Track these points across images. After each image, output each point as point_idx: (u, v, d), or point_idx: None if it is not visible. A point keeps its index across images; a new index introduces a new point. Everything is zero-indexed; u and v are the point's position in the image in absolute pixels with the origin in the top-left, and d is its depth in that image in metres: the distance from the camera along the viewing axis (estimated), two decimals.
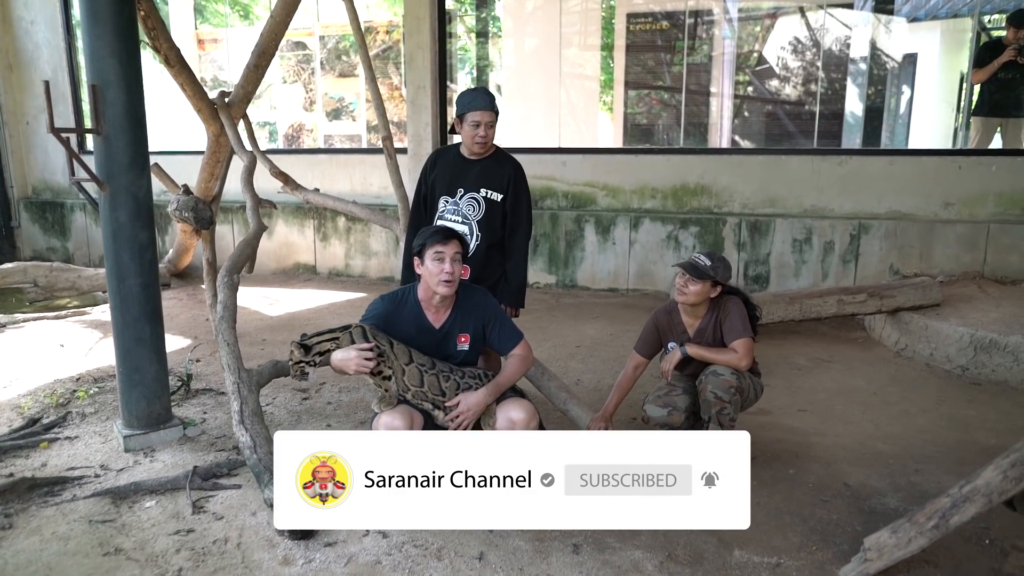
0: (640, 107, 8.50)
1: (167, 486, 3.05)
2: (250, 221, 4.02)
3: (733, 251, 6.51)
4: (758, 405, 3.93)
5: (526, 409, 2.88)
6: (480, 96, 3.14)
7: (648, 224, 6.74)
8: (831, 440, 3.57)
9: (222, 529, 2.76)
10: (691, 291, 3.09)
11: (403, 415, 2.74)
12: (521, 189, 3.28)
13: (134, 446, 3.39)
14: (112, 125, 3.17)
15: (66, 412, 3.82)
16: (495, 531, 2.73)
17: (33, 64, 8.34)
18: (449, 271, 2.74)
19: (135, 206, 3.26)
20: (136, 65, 3.21)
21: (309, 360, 2.62)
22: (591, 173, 7.00)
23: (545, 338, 5.39)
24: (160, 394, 3.46)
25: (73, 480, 3.08)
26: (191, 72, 4.51)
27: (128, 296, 3.32)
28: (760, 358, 4.82)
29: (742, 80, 8.21)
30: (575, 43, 8.39)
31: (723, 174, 6.63)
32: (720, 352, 3.08)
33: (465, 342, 2.95)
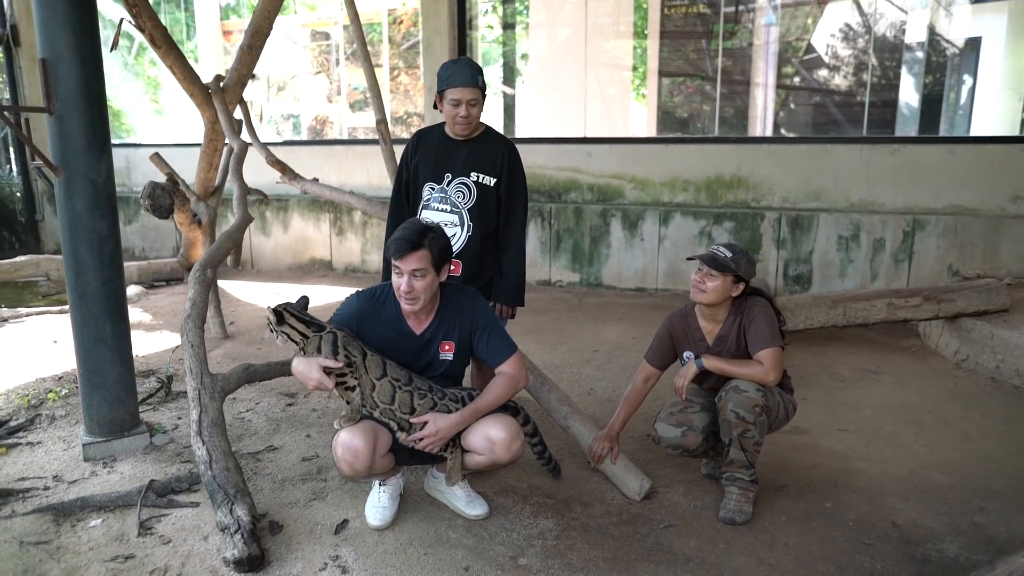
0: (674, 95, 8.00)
1: (118, 502, 2.75)
2: (235, 211, 3.70)
3: (772, 248, 6.00)
4: (791, 423, 3.48)
5: (507, 428, 2.50)
6: (460, 70, 2.75)
7: (679, 219, 6.26)
8: (877, 468, 3.08)
9: (165, 556, 2.44)
10: (709, 287, 2.66)
11: (365, 433, 2.39)
12: (516, 172, 2.88)
13: (94, 455, 3.10)
14: (65, 104, 2.87)
15: (35, 415, 3.57)
16: (469, 570, 2.35)
17: None
18: (407, 289, 2.39)
19: (93, 193, 2.97)
20: (93, 38, 2.92)
21: (276, 331, 2.42)
22: (618, 164, 6.55)
23: (561, 341, 4.98)
24: (124, 398, 3.17)
25: (18, 493, 2.81)
26: (180, 53, 4.23)
27: (86, 292, 3.03)
28: (797, 368, 4.35)
29: (785, 67, 7.64)
30: (603, 28, 7.93)
31: (762, 165, 6.11)
32: (743, 365, 2.63)
33: (449, 351, 2.58)
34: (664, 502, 2.80)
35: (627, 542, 2.52)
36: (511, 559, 2.42)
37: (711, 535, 2.56)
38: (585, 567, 2.38)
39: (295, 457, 3.16)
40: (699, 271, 2.68)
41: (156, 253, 8.11)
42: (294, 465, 3.09)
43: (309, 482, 2.93)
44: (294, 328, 2.40)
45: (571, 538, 2.54)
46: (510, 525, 2.62)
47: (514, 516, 2.68)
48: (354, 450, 2.36)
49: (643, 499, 2.79)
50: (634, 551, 2.47)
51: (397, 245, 2.40)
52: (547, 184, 6.80)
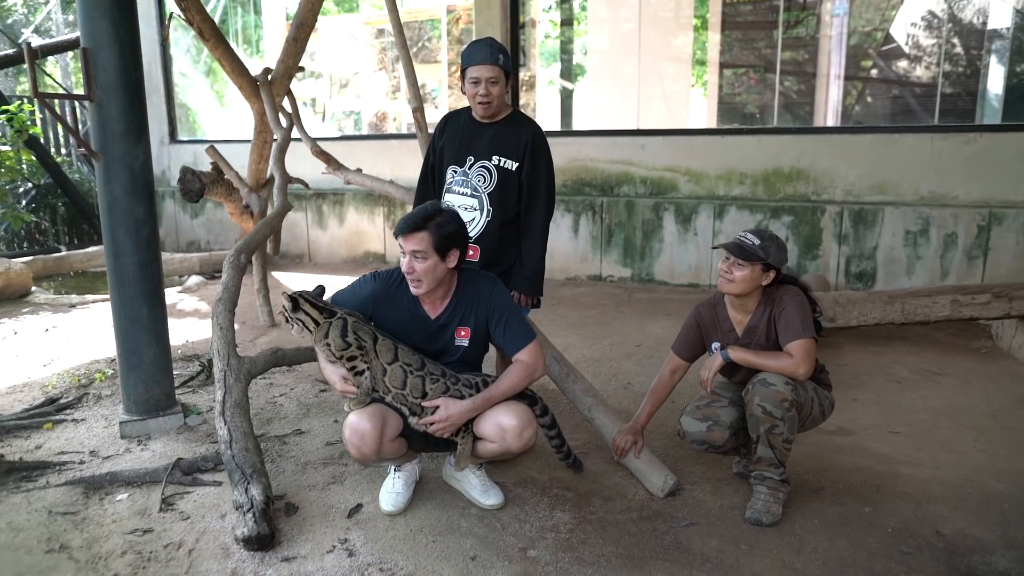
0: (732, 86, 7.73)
1: (145, 478, 2.82)
2: (275, 200, 3.76)
3: (832, 244, 5.71)
4: (836, 423, 3.29)
5: (520, 416, 2.42)
6: (481, 47, 2.69)
7: (734, 213, 6.03)
8: (927, 472, 2.86)
9: (182, 531, 2.48)
10: (737, 277, 2.51)
11: (372, 417, 2.37)
12: (540, 157, 2.80)
13: (130, 432, 3.20)
14: (104, 91, 2.97)
15: (83, 393, 3.72)
16: (476, 559, 2.30)
17: None
18: (407, 270, 2.36)
19: (130, 178, 3.06)
20: (131, 27, 3.01)
21: (292, 317, 2.43)
22: (672, 157, 6.37)
23: (604, 335, 4.87)
24: (160, 379, 3.26)
25: (55, 466, 2.92)
26: (228, 46, 4.33)
27: (124, 275, 3.12)
28: (850, 367, 4.12)
29: (854, 56, 7.26)
30: (659, 18, 7.73)
31: (823, 156, 5.82)
32: (771, 357, 2.48)
33: (465, 337, 2.53)
34: (689, 500, 2.67)
35: (644, 539, 2.42)
36: (520, 551, 2.35)
37: (734, 536, 2.43)
38: (596, 562, 2.29)
39: (320, 441, 3.18)
40: (726, 260, 2.54)
41: (220, 245, 8.39)
42: (318, 449, 3.10)
43: (330, 466, 2.94)
44: (308, 315, 2.40)
45: (585, 532, 2.45)
46: (524, 516, 2.55)
47: (530, 507, 2.61)
48: (361, 433, 2.35)
49: (667, 496, 2.67)
50: (650, 549, 2.36)
51: (401, 224, 2.37)
52: (599, 177, 6.68)
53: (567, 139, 6.94)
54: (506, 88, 2.79)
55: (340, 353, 2.38)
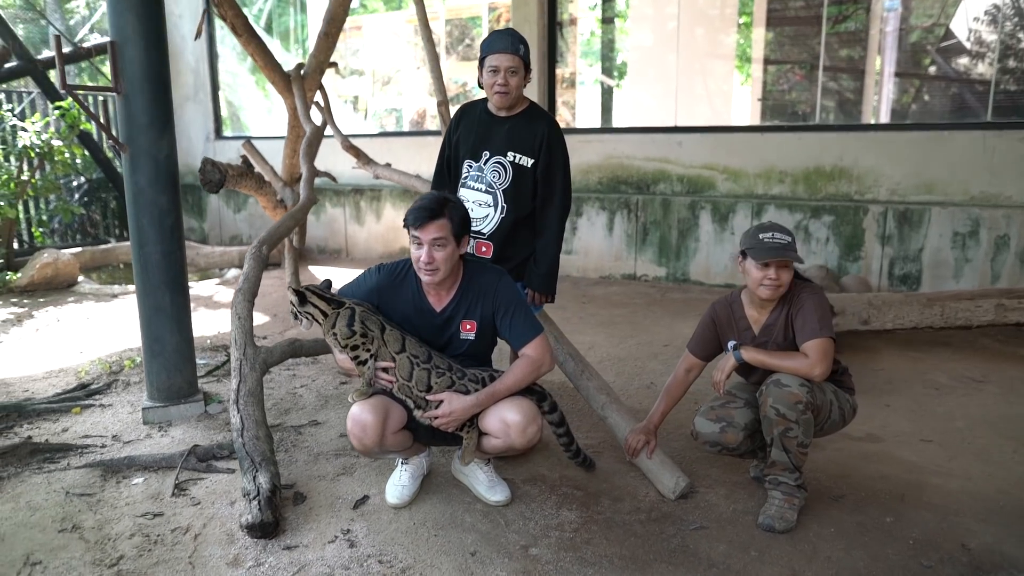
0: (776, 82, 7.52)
1: (161, 463, 2.88)
2: (301, 193, 3.80)
3: (875, 245, 5.50)
4: (865, 429, 3.17)
5: (524, 412, 2.38)
6: (502, 37, 2.66)
7: (773, 212, 5.87)
8: (958, 483, 2.72)
9: (191, 516, 2.51)
10: (785, 280, 2.40)
11: (375, 409, 2.36)
12: (556, 153, 2.75)
13: (152, 419, 3.27)
14: (131, 84, 3.04)
15: (113, 380, 3.82)
16: (476, 555, 2.27)
17: (180, 56, 8.90)
18: (427, 260, 2.32)
19: (154, 169, 3.13)
20: (157, 22, 3.07)
21: (301, 312, 2.44)
22: (710, 154, 6.23)
23: (632, 334, 4.78)
24: (181, 367, 3.32)
25: (77, 448, 3.00)
26: (261, 42, 4.40)
27: (148, 263, 3.19)
28: (885, 372, 3.95)
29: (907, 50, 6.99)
30: (699, 14, 7.58)
31: (867, 154, 5.61)
32: (786, 357, 2.38)
33: (471, 330, 2.49)
34: (701, 503, 2.59)
35: (650, 541, 2.35)
36: (522, 548, 2.31)
37: (744, 542, 2.34)
38: (598, 563, 2.24)
39: (334, 432, 3.19)
40: (765, 267, 2.41)
41: None
42: (331, 440, 3.12)
43: (342, 457, 2.95)
44: (316, 307, 2.41)
45: (590, 532, 2.40)
46: (530, 514, 2.51)
47: (536, 505, 2.57)
48: (362, 424, 2.34)
49: (678, 498, 2.60)
50: (655, 551, 2.30)
51: (416, 214, 2.34)
52: (635, 175, 6.58)
53: (603, 136, 6.86)
54: (524, 81, 2.75)
55: (345, 342, 2.38)
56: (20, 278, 6.08)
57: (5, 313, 5.42)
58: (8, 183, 6.30)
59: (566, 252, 6.74)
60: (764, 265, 2.40)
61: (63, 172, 7.11)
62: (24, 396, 3.65)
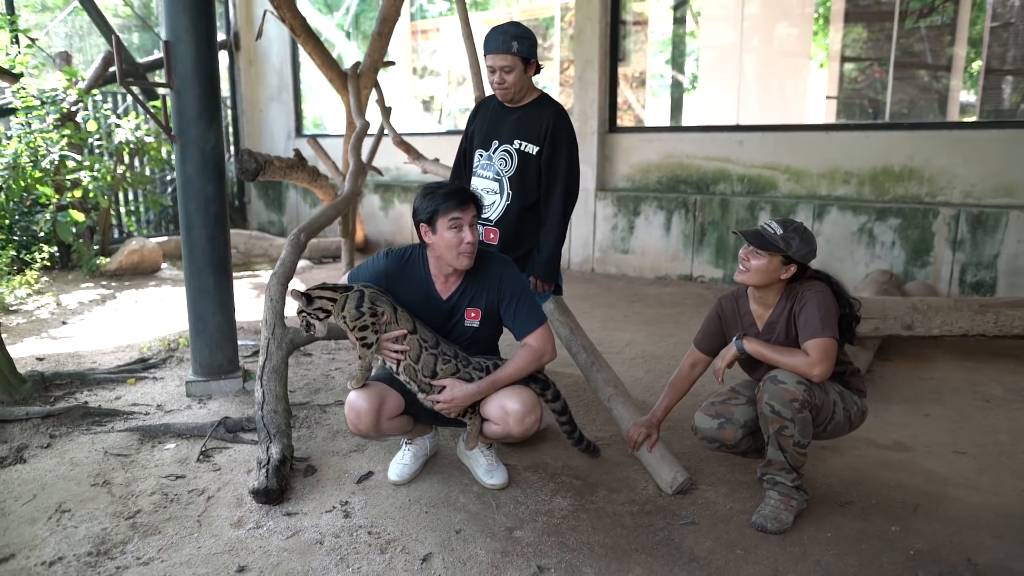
0: (851, 80, 7.20)
1: (194, 432, 3.09)
2: (345, 185, 3.97)
3: (946, 250, 5.19)
4: (895, 436, 3.04)
5: (523, 400, 2.43)
6: (495, 37, 2.70)
7: (836, 214, 5.64)
8: (981, 498, 2.56)
9: (209, 480, 2.70)
10: (752, 266, 2.38)
11: (370, 396, 2.45)
12: (560, 141, 2.77)
13: (194, 392, 3.50)
14: (182, 80, 3.27)
15: (169, 355, 4.11)
16: (460, 533, 2.33)
17: (266, 58, 9.40)
18: (471, 241, 2.37)
19: (202, 160, 3.35)
20: (208, 22, 3.29)
21: (311, 313, 2.44)
22: (771, 154, 6.05)
23: (672, 334, 4.72)
24: (223, 345, 3.54)
25: (123, 414, 3.26)
26: (319, 41, 4.62)
27: (194, 247, 3.43)
28: (934, 381, 3.75)
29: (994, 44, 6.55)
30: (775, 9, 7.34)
31: (939, 154, 5.30)
32: (787, 353, 2.32)
33: (475, 318, 2.55)
34: (699, 499, 2.56)
35: (636, 533, 2.35)
36: (507, 530, 2.36)
37: (732, 540, 2.30)
38: (578, 549, 2.26)
39: None
40: (745, 247, 2.41)
41: (333, 232, 8.90)
42: None
43: (357, 436, 3.07)
44: (323, 298, 2.41)
45: (578, 520, 2.42)
46: (523, 498, 2.55)
47: (532, 491, 2.61)
48: (357, 411, 2.43)
49: (676, 493, 2.57)
50: (638, 542, 2.29)
51: (459, 197, 2.38)
52: (695, 175, 6.47)
53: (663, 135, 6.78)
54: (528, 73, 2.78)
55: (353, 323, 2.41)
56: (109, 263, 6.60)
57: (93, 294, 5.91)
58: (105, 176, 6.86)
59: (622, 252, 6.73)
60: (745, 245, 2.40)
61: (155, 167, 7.65)
62: (91, 367, 3.99)
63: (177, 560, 2.19)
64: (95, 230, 7.16)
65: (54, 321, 5.03)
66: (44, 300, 5.53)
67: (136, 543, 2.28)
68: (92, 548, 2.24)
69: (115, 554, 2.22)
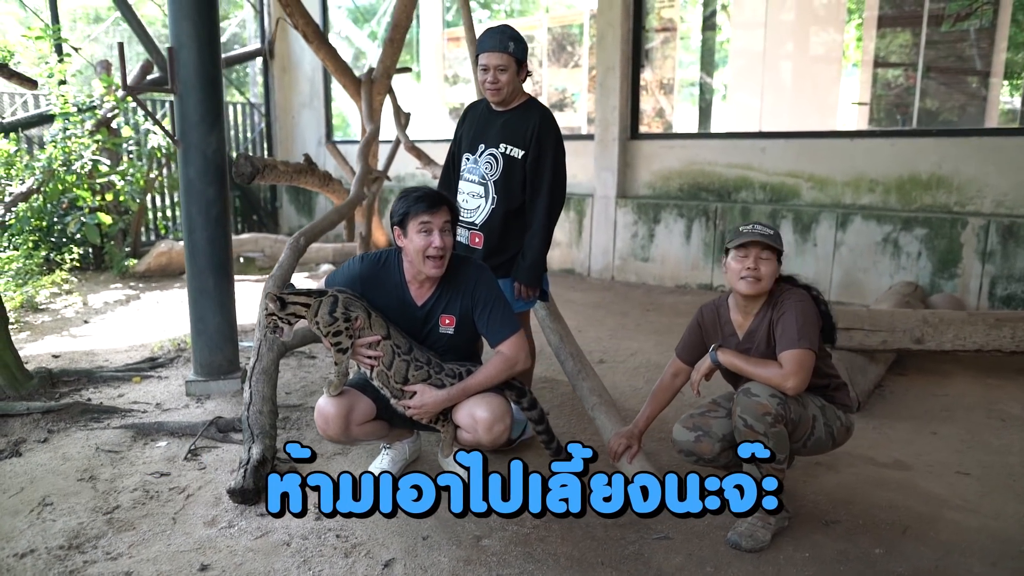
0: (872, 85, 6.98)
1: (186, 430, 3.14)
2: (351, 190, 4.01)
3: (975, 262, 4.98)
4: (895, 455, 2.93)
5: (493, 409, 2.40)
6: (492, 35, 2.69)
7: (859, 223, 5.46)
8: (979, 521, 2.43)
9: (192, 479, 2.73)
10: (766, 273, 2.30)
11: (340, 402, 2.44)
12: (546, 145, 2.74)
13: (193, 391, 3.57)
14: (184, 85, 3.35)
15: (178, 355, 4.20)
16: (427, 539, 2.31)
17: (299, 66, 9.58)
18: (439, 245, 2.34)
19: (203, 163, 3.42)
20: (211, 28, 3.36)
21: (283, 317, 2.43)
22: (794, 161, 5.90)
23: None
24: (222, 346, 3.60)
25: (122, 411, 3.33)
26: (332, 48, 4.68)
27: (195, 249, 3.50)
28: (949, 398, 3.59)
29: None
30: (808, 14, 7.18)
31: (969, 162, 5.10)
32: (761, 365, 2.25)
33: (449, 325, 2.52)
34: None
35: (606, 546, 2.30)
36: (475, 538, 2.33)
37: (704, 556, 2.23)
38: (544, 560, 2.22)
39: None
40: (744, 257, 2.32)
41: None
42: None
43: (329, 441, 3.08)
44: (297, 303, 2.40)
45: (549, 530, 2.38)
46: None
47: None
48: (325, 416, 2.43)
49: None
50: (607, 555, 2.24)
51: (428, 200, 2.35)
52: (716, 182, 6.35)
53: (685, 142, 6.68)
54: (521, 76, 2.77)
55: (326, 329, 2.41)
56: (138, 265, 6.79)
57: (119, 295, 6.08)
58: (139, 180, 7.07)
59: (642, 260, 6.63)
60: (743, 256, 2.30)
61: None
62: (101, 364, 4.09)
63: (145, 556, 2.22)
64: (127, 232, 7.38)
65: (77, 320, 5.19)
66: (72, 300, 5.72)
67: (109, 538, 2.32)
68: (65, 542, 2.28)
69: (86, 548, 2.26)
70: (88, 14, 16.21)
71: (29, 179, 6.36)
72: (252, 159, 3.35)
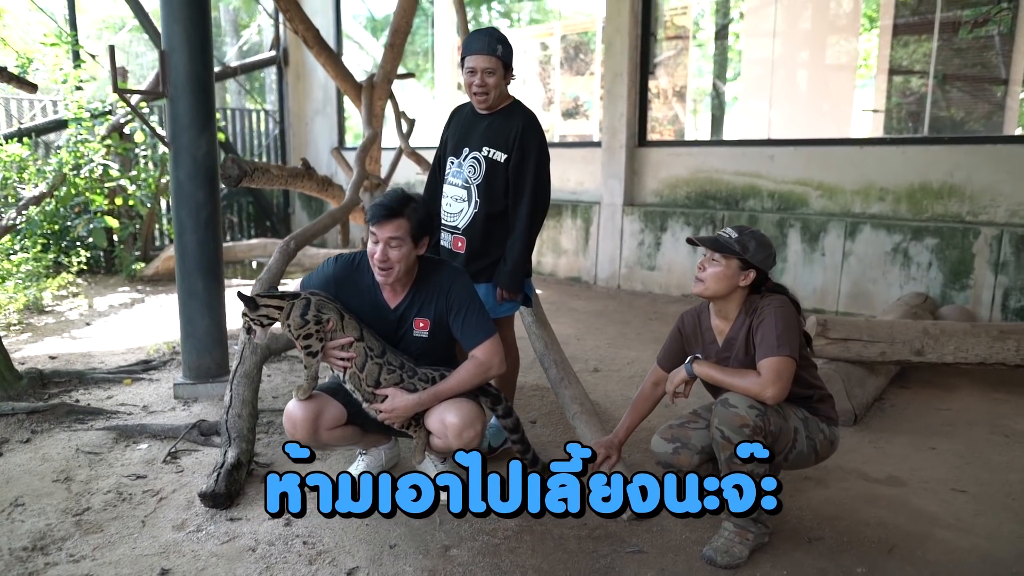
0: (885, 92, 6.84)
1: (169, 433, 3.13)
2: (346, 194, 3.99)
3: (987, 273, 4.84)
4: (889, 470, 2.84)
5: (463, 415, 2.35)
6: (479, 38, 2.65)
7: (868, 232, 5.34)
8: (970, 541, 2.33)
9: (167, 482, 2.71)
10: (708, 274, 2.25)
11: (308, 406, 2.40)
12: (529, 149, 2.69)
13: (181, 394, 3.56)
14: (175, 88, 3.36)
15: (171, 358, 4.20)
16: (394, 548, 2.26)
17: (312, 73, 9.64)
18: (379, 257, 2.32)
19: (193, 166, 3.42)
20: (203, 32, 3.37)
21: (255, 319, 2.40)
22: (803, 169, 5.79)
23: None
24: (211, 349, 3.59)
25: (107, 413, 3.33)
26: (332, 53, 4.68)
27: (184, 251, 3.49)
28: (952, 412, 3.47)
29: None
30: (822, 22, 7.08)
31: (982, 171, 4.97)
32: (738, 375, 2.17)
33: (424, 328, 2.48)
34: (655, 527, 2.41)
35: (577, 559, 2.23)
36: (443, 548, 2.28)
37: (677, 572, 2.16)
38: (512, 572, 2.16)
39: None
40: (702, 257, 2.29)
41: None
42: None
43: None
44: (270, 306, 2.37)
45: (520, 541, 2.32)
46: (469, 516, 2.46)
47: None
48: (292, 420, 2.39)
49: (631, 519, 2.43)
50: (576, 569, 2.18)
51: (375, 211, 2.37)
52: (724, 190, 6.26)
53: (692, 149, 6.61)
54: (506, 80, 2.73)
55: (297, 332, 2.37)
56: (146, 269, 6.85)
57: (124, 298, 6.13)
58: (150, 184, 7.14)
59: (648, 268, 6.55)
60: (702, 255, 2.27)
61: None
62: (96, 366, 4.11)
63: (107, 559, 2.20)
64: (138, 236, 7.45)
65: (80, 322, 5.24)
66: (77, 302, 5.77)
67: (75, 540, 2.30)
68: (30, 543, 2.27)
69: (51, 550, 2.24)
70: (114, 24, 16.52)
71: (41, 183, 6.46)
72: (240, 161, 3.35)
